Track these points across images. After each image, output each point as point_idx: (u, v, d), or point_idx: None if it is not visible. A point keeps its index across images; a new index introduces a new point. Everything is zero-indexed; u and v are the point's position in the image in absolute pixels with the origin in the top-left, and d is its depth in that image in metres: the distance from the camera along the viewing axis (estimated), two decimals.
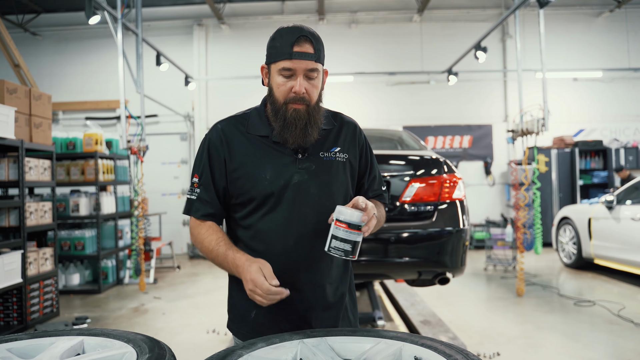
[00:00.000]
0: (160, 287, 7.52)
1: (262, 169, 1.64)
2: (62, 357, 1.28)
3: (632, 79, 11.71)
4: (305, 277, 1.68)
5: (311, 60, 1.58)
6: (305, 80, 1.59)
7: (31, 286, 5.37)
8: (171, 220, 11.27)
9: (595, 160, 11.20)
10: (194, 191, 1.71)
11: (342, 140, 1.76)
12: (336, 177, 1.71)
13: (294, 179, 1.64)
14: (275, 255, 1.65)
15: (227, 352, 1.27)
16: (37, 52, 11.87)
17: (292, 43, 1.55)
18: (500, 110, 11.85)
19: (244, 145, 1.69)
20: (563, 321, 5.22)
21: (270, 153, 1.66)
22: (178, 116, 11.64)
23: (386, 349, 1.29)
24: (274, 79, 1.63)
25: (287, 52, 1.56)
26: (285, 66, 1.57)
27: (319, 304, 1.71)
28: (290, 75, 1.58)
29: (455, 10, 11.72)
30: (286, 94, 1.60)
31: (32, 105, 5.55)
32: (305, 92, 1.59)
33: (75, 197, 7.27)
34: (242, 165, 1.67)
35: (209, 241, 1.64)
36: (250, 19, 11.87)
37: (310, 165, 1.66)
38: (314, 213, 1.66)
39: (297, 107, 1.60)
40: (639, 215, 6.54)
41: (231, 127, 1.73)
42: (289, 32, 1.58)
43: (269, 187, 1.63)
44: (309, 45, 1.57)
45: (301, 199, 1.65)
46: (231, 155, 1.68)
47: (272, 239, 1.66)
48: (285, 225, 1.65)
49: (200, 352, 4.25)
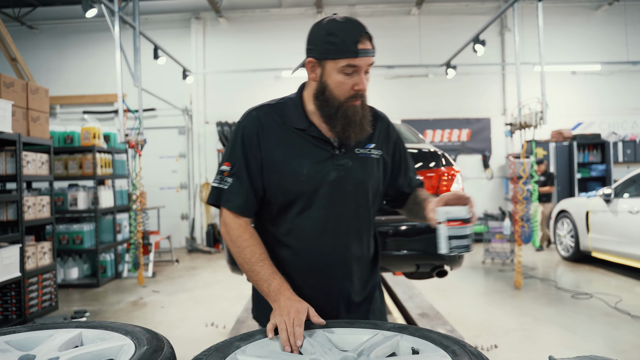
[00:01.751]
0: (159, 281, 7.53)
1: (299, 165, 1.60)
2: (60, 349, 1.28)
3: (630, 72, 11.70)
4: (339, 273, 1.66)
5: (372, 57, 1.55)
6: (363, 77, 1.56)
7: (30, 280, 5.37)
8: (170, 214, 11.28)
9: (593, 153, 11.21)
10: (224, 180, 1.62)
11: (376, 136, 1.72)
12: (370, 174, 1.68)
13: (331, 176, 1.61)
14: (309, 251, 1.63)
15: (225, 344, 1.28)
16: (34, 45, 11.83)
17: (356, 41, 1.50)
18: (499, 104, 11.85)
19: (280, 137, 1.63)
20: (560, 313, 5.24)
21: (307, 148, 1.62)
22: (176, 110, 11.62)
23: (384, 341, 1.29)
24: (331, 76, 1.56)
25: (352, 50, 1.50)
26: (352, 63, 1.51)
27: (351, 299, 1.70)
28: (353, 72, 1.53)
29: (453, 4, 11.69)
30: (348, 92, 1.55)
31: (29, 99, 5.53)
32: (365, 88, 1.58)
33: (73, 191, 7.26)
34: (277, 159, 1.61)
35: (251, 252, 1.57)
36: (248, 12, 11.83)
37: (347, 162, 1.63)
38: (349, 210, 1.64)
39: (355, 103, 1.57)
40: (636, 208, 6.55)
41: (267, 115, 1.66)
42: (350, 28, 1.53)
43: (306, 183, 1.60)
44: (369, 42, 1.54)
45: (337, 196, 1.62)
46: (266, 146, 1.63)
47: (308, 236, 1.63)
48: (321, 222, 1.62)
49: (199, 345, 4.23)
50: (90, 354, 1.24)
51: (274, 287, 1.50)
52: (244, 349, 1.26)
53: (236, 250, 1.60)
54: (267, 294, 1.51)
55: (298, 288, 1.61)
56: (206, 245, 10.96)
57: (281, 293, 1.48)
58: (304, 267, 1.65)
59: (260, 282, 1.53)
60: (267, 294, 1.51)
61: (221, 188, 1.63)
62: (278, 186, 1.62)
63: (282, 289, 1.49)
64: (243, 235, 1.59)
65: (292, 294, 1.48)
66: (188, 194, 11.79)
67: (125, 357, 1.22)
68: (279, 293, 1.48)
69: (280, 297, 1.46)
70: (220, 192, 1.63)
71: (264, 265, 1.55)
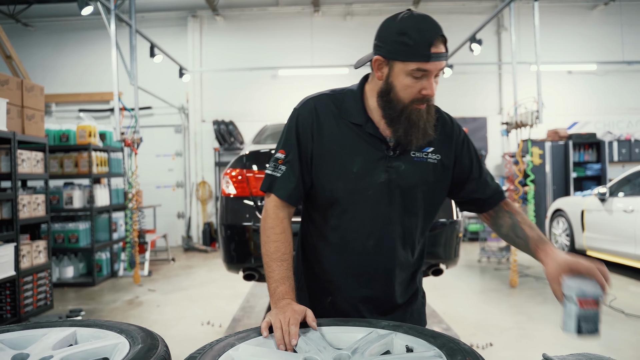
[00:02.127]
0: (155, 280, 7.52)
1: (350, 162, 1.55)
2: (54, 348, 1.28)
3: (626, 72, 11.73)
4: (379, 276, 1.63)
5: (444, 61, 1.47)
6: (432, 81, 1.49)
7: (24, 279, 5.35)
8: (166, 212, 11.26)
9: (588, 152, 11.23)
10: (278, 167, 1.60)
11: (436, 139, 1.61)
12: (424, 180, 1.60)
13: (381, 178, 1.55)
14: (351, 252, 1.61)
15: (220, 342, 1.28)
16: (29, 43, 11.79)
17: (430, 44, 1.42)
18: (495, 103, 11.87)
19: (335, 130, 1.58)
20: (555, 312, 5.25)
21: (361, 145, 1.56)
22: (172, 108, 11.60)
23: (378, 339, 1.30)
24: (399, 78, 1.47)
25: (424, 54, 1.42)
26: (422, 67, 1.43)
27: (389, 302, 1.67)
28: (422, 76, 1.45)
29: (450, 3, 11.70)
30: (414, 95, 1.48)
31: (24, 97, 5.51)
32: None
33: (69, 190, 7.24)
34: (329, 152, 1.58)
35: (275, 248, 1.55)
36: (245, 10, 11.81)
37: (400, 165, 1.56)
38: (396, 215, 1.59)
39: (420, 107, 1.50)
40: (631, 207, 6.57)
41: (324, 106, 1.62)
42: (424, 29, 1.44)
43: (354, 182, 1.55)
44: (443, 45, 1.46)
45: (385, 199, 1.57)
46: (319, 138, 1.58)
47: (350, 236, 1.60)
48: (366, 224, 1.59)
49: (194, 344, 4.22)
50: (84, 352, 1.24)
51: (280, 291, 1.49)
52: (238, 347, 1.26)
53: (264, 240, 1.58)
54: (272, 294, 1.50)
55: (335, 285, 1.63)
56: (202, 244, 10.95)
57: (284, 298, 1.47)
58: (344, 265, 1.64)
59: (271, 280, 1.52)
60: (272, 294, 1.50)
61: (274, 175, 1.61)
62: (326, 181, 1.59)
63: (286, 295, 1.48)
64: (275, 229, 1.57)
65: (293, 301, 1.47)
66: (184, 193, 11.77)
67: (119, 355, 1.22)
68: (282, 298, 1.47)
69: (281, 301, 1.46)
70: (274, 179, 1.61)
71: (281, 265, 1.53)
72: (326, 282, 1.67)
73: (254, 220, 3.29)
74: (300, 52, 11.44)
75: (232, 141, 11.09)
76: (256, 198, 3.35)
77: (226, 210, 3.41)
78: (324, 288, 1.68)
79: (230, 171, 3.45)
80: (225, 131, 11.04)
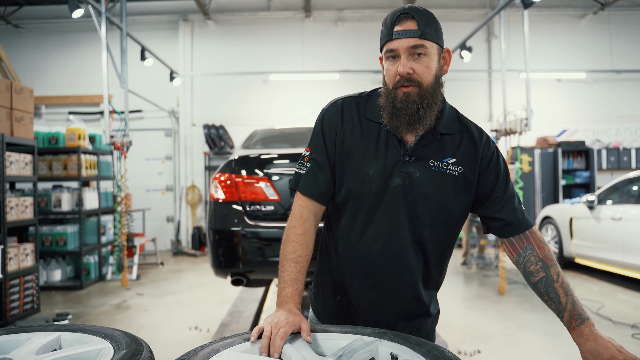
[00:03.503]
0: (143, 284, 7.47)
1: (368, 163, 1.54)
2: (37, 353, 1.27)
3: (614, 80, 11.85)
4: (388, 285, 1.60)
5: (414, 37, 1.42)
6: (411, 60, 1.45)
7: (11, 282, 5.31)
8: (155, 216, 11.22)
9: (577, 160, 11.33)
10: (304, 165, 1.62)
11: (461, 150, 1.56)
12: (441, 191, 1.54)
13: (395, 182, 1.52)
14: (359, 254, 1.60)
15: (205, 348, 1.28)
16: (19, 45, 11.72)
17: (392, 23, 1.44)
18: (485, 110, 11.94)
19: (357, 130, 1.58)
20: (543, 319, 5.28)
21: (380, 147, 1.54)
22: (163, 112, 11.57)
23: (363, 346, 1.29)
24: (384, 65, 1.52)
25: (389, 34, 1.45)
26: (388, 48, 1.46)
27: (399, 314, 1.63)
28: (395, 57, 1.46)
29: (441, 10, 11.76)
30: (393, 78, 1.47)
31: (13, 98, 5.48)
32: (412, 71, 1.44)
33: (58, 193, 7.20)
34: (348, 152, 1.57)
35: (292, 248, 1.54)
36: (237, 14, 11.82)
37: (415, 172, 1.52)
38: (406, 221, 1.55)
39: (406, 90, 1.46)
40: (619, 215, 6.63)
41: (351, 106, 1.62)
42: (391, 14, 1.48)
43: (368, 184, 1.54)
44: (410, 22, 1.43)
45: (397, 204, 1.54)
46: (342, 137, 1.59)
47: (360, 238, 1.59)
48: (374, 227, 1.56)
49: (182, 349, 4.22)
50: (67, 357, 1.23)
51: (286, 293, 1.48)
52: (222, 352, 1.26)
53: (284, 239, 1.58)
54: (279, 295, 1.50)
55: (343, 284, 1.62)
56: (191, 248, 10.91)
57: (287, 302, 1.46)
58: (351, 266, 1.62)
59: (281, 280, 1.51)
60: (278, 294, 1.50)
61: (300, 173, 1.62)
62: (343, 180, 1.59)
63: (291, 298, 1.47)
64: (297, 229, 1.56)
65: (294, 307, 1.45)
66: (174, 197, 11.74)
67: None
68: (285, 302, 1.46)
69: (283, 306, 1.45)
70: (299, 177, 1.62)
71: (294, 267, 1.52)
72: (335, 281, 1.67)
73: (243, 225, 3.28)
74: (291, 57, 11.46)
75: (223, 145, 11.07)
76: (245, 203, 3.34)
77: (215, 215, 3.40)
78: (333, 286, 1.68)
79: (219, 176, 3.44)
80: (215, 135, 11.02)
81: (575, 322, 1.49)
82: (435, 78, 1.50)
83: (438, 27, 1.51)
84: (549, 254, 1.59)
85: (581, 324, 1.49)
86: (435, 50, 1.49)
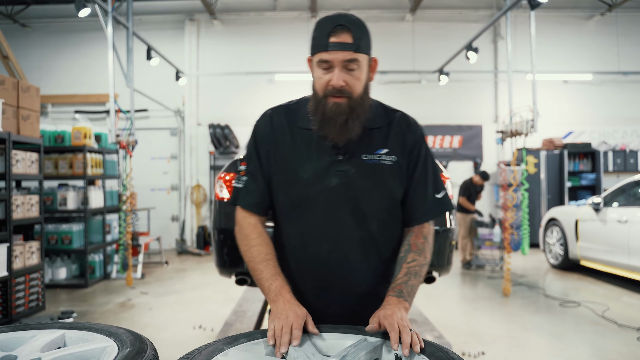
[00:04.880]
0: (148, 283, 7.49)
1: (302, 169, 1.57)
2: (42, 350, 1.27)
3: (621, 82, 11.80)
4: (338, 282, 1.62)
5: (349, 51, 1.45)
6: (344, 72, 1.48)
7: (17, 280, 5.33)
8: (160, 215, 11.24)
9: (583, 162, 11.29)
10: (240, 179, 1.67)
11: (391, 140, 1.62)
12: (379, 182, 1.59)
13: (332, 182, 1.56)
14: (309, 258, 1.61)
15: (209, 347, 1.28)
16: (26, 44, 11.77)
17: (328, 33, 1.46)
18: (491, 111, 11.91)
19: (288, 138, 1.61)
20: (548, 321, 5.26)
21: (312, 151, 1.58)
22: (168, 111, 11.59)
23: (367, 347, 1.29)
24: (314, 71, 1.54)
25: (324, 44, 1.46)
26: (322, 58, 1.47)
27: (352, 311, 1.64)
28: (329, 67, 1.48)
29: (447, 10, 11.75)
30: (325, 87, 1.50)
31: (20, 97, 5.50)
32: (345, 84, 1.48)
33: (63, 191, 7.22)
34: (282, 161, 1.61)
35: (257, 251, 1.57)
36: (243, 14, 11.83)
37: (350, 169, 1.56)
38: (350, 218, 1.58)
39: (337, 100, 1.49)
40: (625, 218, 6.60)
41: (281, 116, 1.65)
42: (327, 21, 1.49)
43: (306, 188, 1.57)
44: (346, 35, 1.45)
45: (337, 203, 1.57)
46: (275, 147, 1.62)
47: (307, 241, 1.61)
48: (320, 228, 1.59)
49: (185, 348, 4.21)
50: (72, 355, 1.23)
51: (274, 288, 1.50)
52: (227, 352, 1.26)
53: (244, 248, 1.62)
54: (267, 293, 1.51)
55: (299, 292, 1.60)
56: (196, 248, 10.92)
57: (280, 294, 1.47)
58: (305, 271, 1.64)
59: (262, 280, 1.53)
60: (266, 293, 1.51)
61: (238, 187, 1.67)
62: (280, 188, 1.62)
63: (282, 291, 1.49)
64: (251, 235, 1.61)
65: (291, 297, 1.47)
66: (179, 196, 11.75)
67: (107, 358, 1.22)
68: (278, 294, 1.47)
69: (279, 299, 1.46)
70: (237, 191, 1.67)
71: (267, 265, 1.55)
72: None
73: None
74: (296, 57, 11.43)
75: (228, 145, 11.08)
76: None
77: (219, 214, 3.40)
78: None
79: (224, 175, 3.44)
80: (220, 135, 11.04)
81: (391, 292, 1.50)
82: (364, 88, 1.54)
83: (369, 38, 1.54)
84: (420, 243, 1.63)
85: (394, 296, 1.48)
86: (366, 61, 1.52)
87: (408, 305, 1.46)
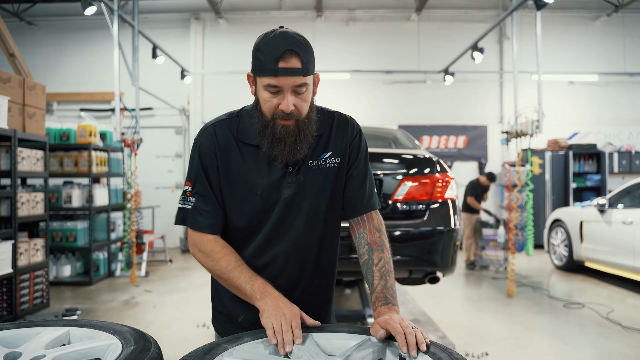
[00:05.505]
0: (152, 281, 7.51)
1: (254, 184, 1.56)
2: (47, 347, 1.27)
3: (627, 83, 11.76)
4: (296, 287, 1.64)
5: (299, 76, 1.42)
6: (293, 96, 1.45)
7: (21, 277, 5.35)
8: (164, 213, 11.25)
9: (588, 163, 11.25)
10: (187, 200, 1.58)
11: (332, 142, 1.63)
12: (325, 186, 1.61)
13: (284, 194, 1.56)
14: (265, 267, 1.61)
15: (213, 346, 1.28)
16: (32, 41, 11.81)
17: (276, 58, 1.40)
18: (496, 112, 11.88)
19: (235, 154, 1.57)
20: (552, 322, 5.25)
21: (261, 166, 1.56)
22: (173, 110, 11.62)
23: (371, 346, 1.29)
24: (260, 93, 1.48)
25: (272, 69, 1.41)
26: (271, 83, 1.42)
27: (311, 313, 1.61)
28: (277, 91, 1.44)
29: (453, 11, 11.73)
30: (273, 110, 1.47)
31: (25, 95, 5.52)
32: (294, 108, 1.46)
33: (68, 189, 7.25)
34: (232, 178, 1.57)
35: (226, 262, 1.53)
36: (248, 13, 11.85)
37: (300, 178, 1.57)
38: (304, 225, 1.61)
39: (285, 123, 1.47)
40: (630, 219, 6.57)
41: (224, 131, 1.59)
42: (273, 43, 1.41)
43: (260, 203, 1.57)
44: (295, 60, 1.41)
45: (291, 213, 1.59)
46: (223, 164, 1.57)
47: (263, 252, 1.61)
48: (274, 238, 1.60)
49: (189, 346, 4.21)
50: (76, 352, 1.24)
51: (258, 287, 1.48)
52: (231, 351, 1.26)
53: (211, 264, 1.56)
54: (251, 294, 1.47)
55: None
56: None
57: (267, 292, 1.46)
58: None
59: (242, 285, 1.49)
60: (250, 295, 1.48)
61: (185, 208, 1.59)
62: (234, 205, 1.59)
63: (266, 288, 1.48)
64: (215, 249, 1.56)
65: (278, 293, 1.47)
66: None
67: (111, 356, 1.22)
68: (264, 292, 1.46)
69: (266, 296, 1.45)
70: (185, 212, 1.59)
71: (242, 270, 1.52)
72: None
73: None
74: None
75: None
76: None
77: None
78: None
79: None
80: None
81: (378, 302, 1.49)
82: (311, 106, 1.53)
83: (314, 56, 1.50)
84: (377, 239, 1.62)
85: (383, 305, 1.47)
86: (311, 80, 1.51)
87: (397, 308, 1.46)
